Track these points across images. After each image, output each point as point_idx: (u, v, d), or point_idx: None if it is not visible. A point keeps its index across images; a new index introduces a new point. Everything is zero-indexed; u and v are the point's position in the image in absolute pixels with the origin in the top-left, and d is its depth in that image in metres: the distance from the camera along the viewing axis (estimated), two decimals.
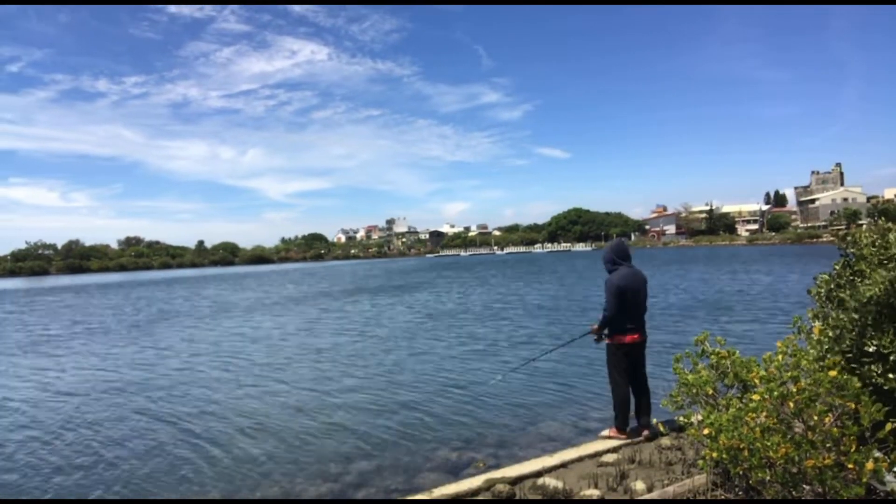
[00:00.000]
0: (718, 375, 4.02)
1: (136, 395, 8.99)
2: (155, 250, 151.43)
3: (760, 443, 2.99)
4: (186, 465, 5.88)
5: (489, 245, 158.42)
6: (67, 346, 15.12)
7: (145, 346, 14.37)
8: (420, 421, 6.96)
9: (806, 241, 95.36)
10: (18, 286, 64.36)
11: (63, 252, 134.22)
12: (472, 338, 13.60)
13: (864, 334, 3.52)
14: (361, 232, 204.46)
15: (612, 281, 5.13)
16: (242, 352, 12.90)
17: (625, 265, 5.24)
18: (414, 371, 10.00)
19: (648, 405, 5.39)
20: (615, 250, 5.36)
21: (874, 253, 3.71)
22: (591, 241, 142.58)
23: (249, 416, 7.49)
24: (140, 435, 6.94)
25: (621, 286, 5.07)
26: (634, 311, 5.18)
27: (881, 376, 3.35)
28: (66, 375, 11.01)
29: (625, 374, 5.24)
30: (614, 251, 5.35)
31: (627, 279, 5.14)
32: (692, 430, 3.69)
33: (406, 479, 5.18)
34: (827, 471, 2.83)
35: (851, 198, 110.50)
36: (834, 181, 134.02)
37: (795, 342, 3.71)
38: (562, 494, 4.14)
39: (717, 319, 14.47)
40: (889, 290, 3.38)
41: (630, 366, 5.27)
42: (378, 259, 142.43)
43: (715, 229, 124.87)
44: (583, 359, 10.40)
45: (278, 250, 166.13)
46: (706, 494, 3.66)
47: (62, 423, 7.64)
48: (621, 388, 5.25)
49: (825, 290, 4.06)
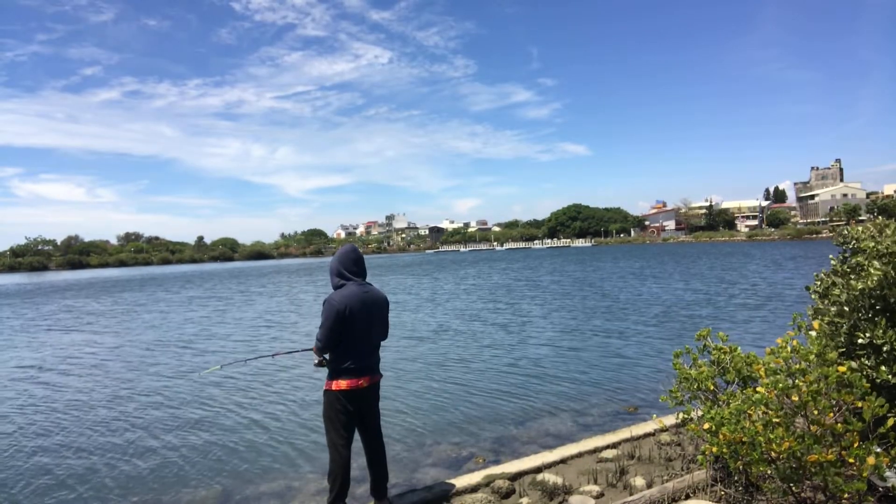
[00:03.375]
0: (719, 371, 4.02)
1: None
2: (154, 246, 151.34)
3: (763, 436, 3.00)
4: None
5: (489, 241, 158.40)
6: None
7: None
8: (419, 416, 6.98)
9: (805, 236, 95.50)
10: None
11: (62, 247, 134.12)
12: (471, 336, 13.60)
13: (857, 327, 3.52)
14: (361, 227, 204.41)
15: (331, 303, 3.73)
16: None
17: (355, 281, 3.88)
18: (414, 368, 10.00)
19: (384, 476, 4.04)
20: (343, 260, 3.92)
21: (872, 247, 3.71)
22: (590, 236, 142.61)
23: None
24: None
25: (341, 310, 3.70)
26: (362, 345, 3.83)
27: (874, 369, 3.35)
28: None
29: (345, 434, 3.82)
30: (342, 261, 3.91)
31: (353, 300, 3.76)
32: (692, 425, 3.69)
33: (406, 474, 5.19)
34: (829, 466, 2.83)
35: (851, 194, 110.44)
36: (833, 177, 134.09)
37: (795, 339, 3.70)
38: (561, 490, 4.14)
39: (719, 316, 14.50)
40: (882, 283, 3.37)
41: (354, 421, 3.88)
42: (377, 255, 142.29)
43: (714, 225, 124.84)
44: (582, 355, 10.42)
45: (277, 246, 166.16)
46: (706, 490, 3.67)
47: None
48: (339, 452, 3.81)
49: (823, 287, 4.06)
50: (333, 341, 3.76)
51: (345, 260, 3.91)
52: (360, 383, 3.82)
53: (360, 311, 3.78)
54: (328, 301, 3.76)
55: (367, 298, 3.85)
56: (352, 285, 3.85)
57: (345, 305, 3.72)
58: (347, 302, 3.74)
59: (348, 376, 3.79)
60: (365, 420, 3.95)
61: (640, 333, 12.42)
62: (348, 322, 3.74)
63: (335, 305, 3.72)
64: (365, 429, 3.97)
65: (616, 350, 10.69)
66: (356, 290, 3.83)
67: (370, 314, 3.86)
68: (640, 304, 17.94)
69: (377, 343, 4.00)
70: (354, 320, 3.76)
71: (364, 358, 3.85)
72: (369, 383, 3.88)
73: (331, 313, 3.71)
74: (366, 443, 4.01)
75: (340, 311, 3.71)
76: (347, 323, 3.73)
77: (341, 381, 3.78)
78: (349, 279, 3.88)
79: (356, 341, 3.80)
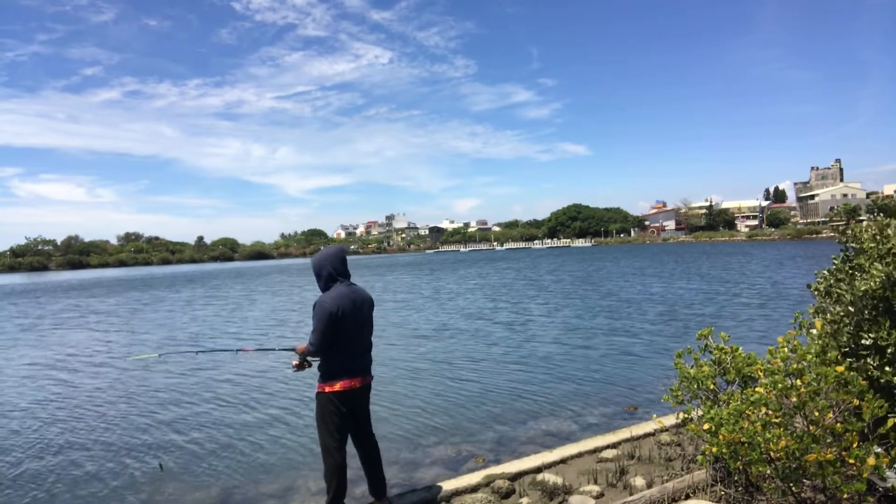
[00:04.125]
0: (720, 371, 4.01)
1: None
2: (154, 246, 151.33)
3: (761, 436, 2.99)
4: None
5: (489, 241, 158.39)
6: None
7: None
8: (419, 416, 6.97)
9: (805, 237, 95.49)
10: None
11: (62, 248, 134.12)
12: (469, 335, 13.60)
13: (861, 327, 3.52)
14: (361, 227, 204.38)
15: (324, 305, 3.71)
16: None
17: (343, 283, 3.87)
18: (414, 367, 10.00)
19: (381, 476, 4.04)
20: (334, 262, 3.88)
21: (873, 248, 3.71)
22: (590, 236, 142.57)
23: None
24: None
25: (334, 312, 3.69)
26: (354, 346, 3.84)
27: (878, 369, 3.35)
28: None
29: (338, 436, 3.83)
30: (332, 263, 3.87)
31: (345, 301, 3.76)
32: (692, 425, 3.69)
33: (406, 474, 5.19)
34: (828, 466, 2.83)
35: (851, 194, 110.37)
36: (833, 177, 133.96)
37: (796, 338, 3.70)
38: (561, 490, 4.14)
39: (722, 315, 14.49)
40: (885, 284, 3.37)
41: (348, 423, 3.88)
42: (377, 255, 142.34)
43: (714, 225, 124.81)
44: (582, 354, 10.42)
45: (277, 246, 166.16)
46: (706, 490, 3.67)
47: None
48: (333, 456, 3.80)
49: (825, 285, 4.05)
50: (327, 344, 3.74)
51: (335, 261, 3.88)
52: (354, 384, 3.82)
53: (351, 313, 3.78)
54: (320, 303, 3.74)
55: (356, 299, 3.86)
56: (340, 286, 3.84)
57: (337, 307, 3.71)
58: (339, 303, 3.73)
59: (342, 378, 3.78)
60: (359, 421, 3.95)
61: (640, 333, 12.42)
62: (341, 324, 3.73)
63: (328, 307, 3.69)
64: (358, 430, 3.97)
65: (616, 349, 10.69)
66: (345, 290, 3.82)
67: (361, 315, 3.87)
68: (641, 303, 17.94)
69: (368, 344, 4.00)
70: (347, 321, 3.75)
71: (356, 359, 3.86)
72: (362, 384, 3.89)
73: (324, 315, 3.69)
74: (359, 444, 4.00)
75: (333, 312, 3.69)
76: (340, 324, 3.72)
77: (335, 382, 3.77)
78: (337, 280, 3.87)
79: (349, 343, 3.80)
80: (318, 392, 3.84)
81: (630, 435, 5.16)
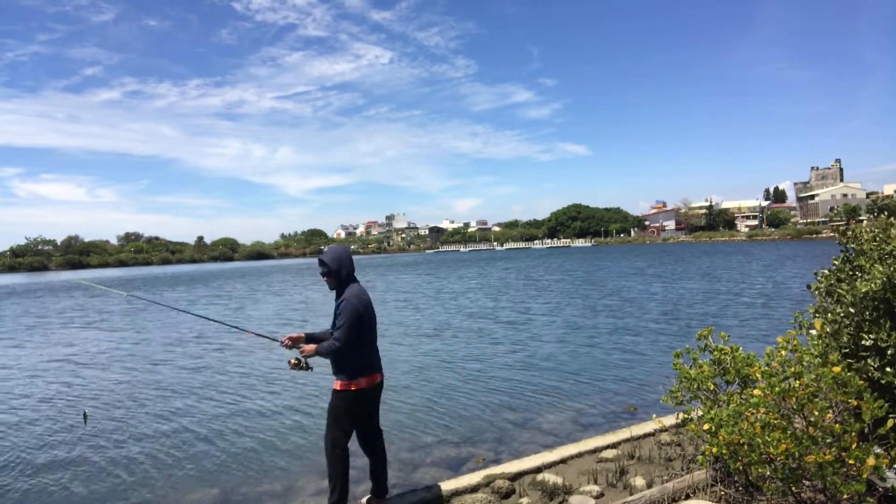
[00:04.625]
0: (719, 371, 4.01)
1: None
2: (154, 246, 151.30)
3: (761, 438, 2.99)
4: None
5: (489, 241, 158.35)
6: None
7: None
8: (419, 416, 6.98)
9: (805, 237, 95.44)
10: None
11: (62, 248, 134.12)
12: (469, 335, 13.60)
13: (862, 329, 3.52)
14: (361, 227, 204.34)
15: (351, 303, 3.78)
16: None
17: (356, 282, 3.98)
18: (414, 367, 10.00)
19: (385, 474, 4.11)
20: (350, 261, 3.96)
21: (874, 248, 3.71)
22: (590, 236, 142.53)
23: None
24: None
25: (361, 311, 3.81)
26: (374, 343, 4.00)
27: (878, 370, 3.35)
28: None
29: (349, 432, 3.89)
30: (349, 262, 3.96)
31: (365, 300, 3.90)
32: (692, 425, 3.69)
33: (406, 474, 5.19)
34: (827, 467, 2.83)
35: (851, 194, 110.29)
36: (833, 177, 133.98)
37: (796, 338, 3.70)
38: (561, 490, 4.14)
39: (723, 314, 14.49)
40: (886, 286, 3.37)
41: (364, 419, 3.99)
42: (377, 255, 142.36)
43: (714, 225, 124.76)
44: (583, 354, 10.42)
45: (278, 246, 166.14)
46: (706, 490, 3.67)
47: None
48: (339, 452, 3.84)
49: (825, 285, 4.05)
50: (356, 340, 3.81)
51: (350, 261, 3.97)
52: (376, 379, 3.97)
53: (369, 310, 3.92)
54: (348, 301, 3.80)
55: (368, 298, 3.97)
56: (356, 286, 3.93)
57: (364, 306, 3.85)
58: (363, 302, 3.86)
59: (366, 374, 3.88)
60: (373, 417, 4.05)
61: (641, 332, 12.41)
62: (365, 322, 3.85)
63: (356, 306, 3.79)
64: (370, 426, 4.05)
65: (617, 349, 10.69)
66: (361, 290, 3.93)
67: (373, 313, 3.99)
68: (642, 302, 17.93)
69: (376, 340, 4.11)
70: (370, 320, 3.90)
71: (375, 355, 4.01)
72: (380, 379, 4.04)
73: (354, 314, 3.77)
74: (369, 440, 4.06)
75: (361, 312, 3.81)
76: (365, 323, 3.84)
77: (361, 379, 3.85)
78: (353, 280, 3.96)
79: (371, 340, 3.94)
80: (342, 390, 3.84)
81: (630, 435, 5.17)
